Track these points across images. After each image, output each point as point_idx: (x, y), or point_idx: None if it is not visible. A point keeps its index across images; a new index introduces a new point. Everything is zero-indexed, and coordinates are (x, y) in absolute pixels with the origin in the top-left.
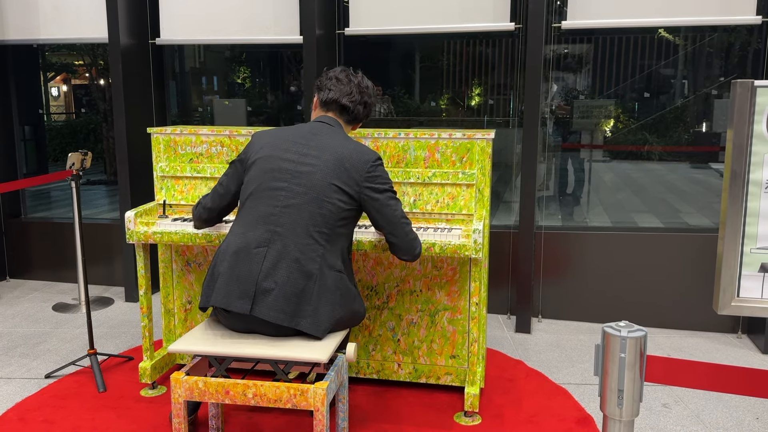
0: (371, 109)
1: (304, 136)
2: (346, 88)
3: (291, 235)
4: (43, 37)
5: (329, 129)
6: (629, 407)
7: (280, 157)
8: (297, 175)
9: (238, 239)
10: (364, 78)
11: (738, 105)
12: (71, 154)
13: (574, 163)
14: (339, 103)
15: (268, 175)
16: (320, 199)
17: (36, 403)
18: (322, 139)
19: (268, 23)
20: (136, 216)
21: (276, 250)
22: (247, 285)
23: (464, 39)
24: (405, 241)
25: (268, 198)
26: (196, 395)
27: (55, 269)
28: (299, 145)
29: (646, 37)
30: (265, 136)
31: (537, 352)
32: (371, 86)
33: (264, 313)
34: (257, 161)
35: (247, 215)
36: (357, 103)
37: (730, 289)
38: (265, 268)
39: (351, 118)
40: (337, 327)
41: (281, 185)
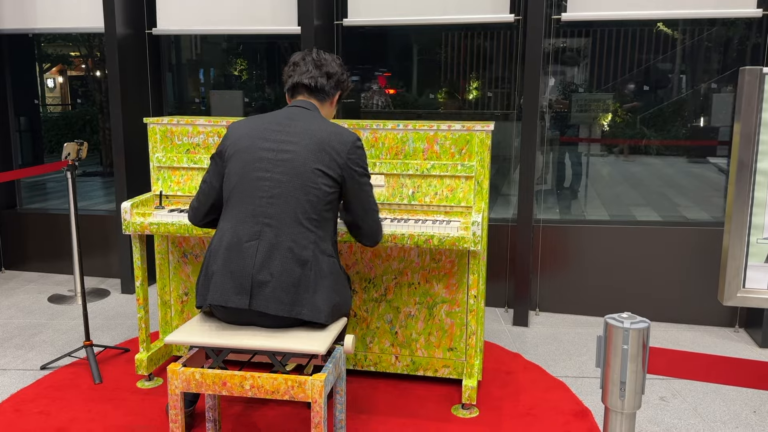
0: (339, 78)
1: (280, 122)
2: (302, 68)
3: (281, 225)
4: (38, 26)
5: (305, 113)
6: (631, 399)
7: (258, 147)
8: (278, 163)
9: (228, 235)
10: (320, 52)
11: (746, 93)
12: (67, 144)
13: (572, 156)
14: (301, 84)
15: (248, 167)
16: (305, 186)
17: (32, 394)
18: (299, 123)
19: (266, 13)
20: (132, 207)
21: (268, 242)
22: (243, 279)
23: (463, 31)
24: (372, 227)
25: (253, 190)
26: (192, 387)
27: (50, 260)
28: (276, 133)
29: (645, 30)
30: (241, 126)
31: (535, 345)
32: (331, 58)
33: (262, 305)
34: (235, 153)
35: (233, 210)
36: (318, 77)
37: (736, 280)
38: (259, 261)
39: (321, 95)
40: (334, 313)
41: (264, 175)
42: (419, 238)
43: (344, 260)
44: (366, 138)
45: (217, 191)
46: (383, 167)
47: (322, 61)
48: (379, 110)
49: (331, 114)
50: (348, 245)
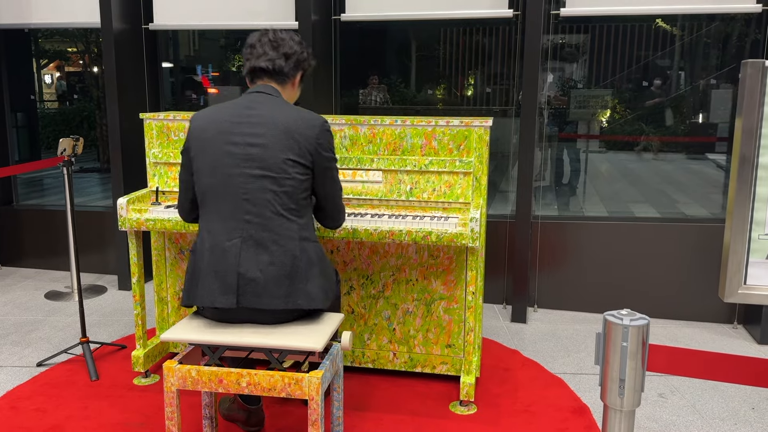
0: (299, 58)
1: (242, 113)
2: (258, 50)
3: (262, 220)
4: (34, 21)
5: (267, 98)
6: (630, 397)
7: (223, 141)
8: (248, 157)
9: (209, 236)
10: (276, 32)
11: (748, 86)
12: (62, 139)
13: (570, 153)
14: (258, 68)
15: (217, 164)
16: (279, 178)
17: (28, 391)
18: (263, 112)
19: (263, 8)
20: (129, 203)
21: (251, 239)
22: (228, 279)
23: (461, 27)
24: (335, 209)
25: (226, 187)
26: (189, 384)
27: (47, 257)
28: (240, 125)
29: (643, 27)
30: (201, 119)
31: (533, 341)
32: (288, 36)
33: (254, 302)
34: (200, 150)
35: (210, 210)
36: (275, 59)
37: (737, 277)
38: (244, 259)
39: (281, 77)
40: (327, 296)
41: (234, 171)
42: (417, 234)
43: (341, 257)
44: (364, 133)
45: (193, 186)
46: (381, 163)
47: (279, 41)
48: (378, 106)
49: (295, 96)
50: (345, 242)
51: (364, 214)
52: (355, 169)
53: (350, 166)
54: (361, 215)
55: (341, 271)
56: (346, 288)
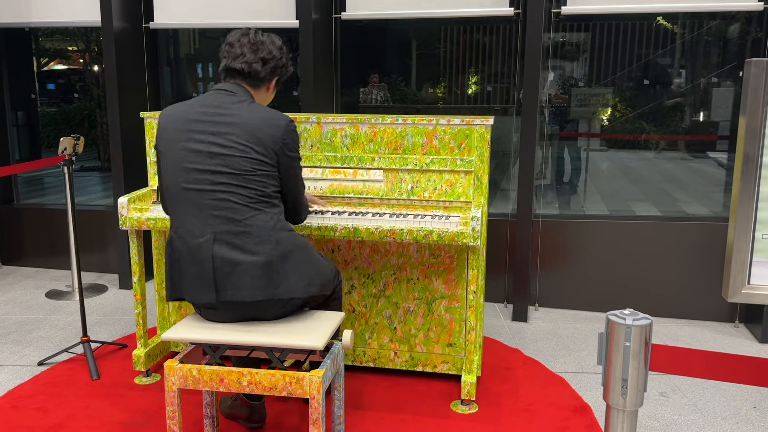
0: (277, 64)
1: (207, 112)
2: (237, 50)
3: (231, 214)
4: (34, 20)
5: (232, 98)
6: (633, 397)
7: (189, 138)
8: (213, 155)
9: (181, 234)
10: (258, 33)
11: (752, 85)
12: (63, 138)
13: (571, 151)
14: (233, 69)
15: (183, 161)
16: (246, 176)
17: (29, 390)
18: (228, 110)
19: (263, 7)
20: (130, 202)
21: (223, 234)
22: (205, 275)
23: (462, 26)
24: (298, 205)
25: (194, 184)
26: (190, 383)
27: (48, 256)
28: (206, 123)
29: (644, 25)
30: (168, 116)
31: (534, 340)
32: (269, 40)
33: (233, 294)
34: (166, 147)
35: (180, 208)
36: (252, 63)
37: (740, 276)
38: (218, 254)
39: (254, 81)
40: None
41: (201, 168)
42: (418, 233)
43: (342, 256)
44: (365, 132)
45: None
46: (382, 162)
47: (259, 44)
48: (378, 105)
49: (268, 99)
50: (347, 241)
51: (365, 213)
52: (356, 168)
53: (351, 165)
54: (362, 214)
55: (342, 269)
56: (347, 287)
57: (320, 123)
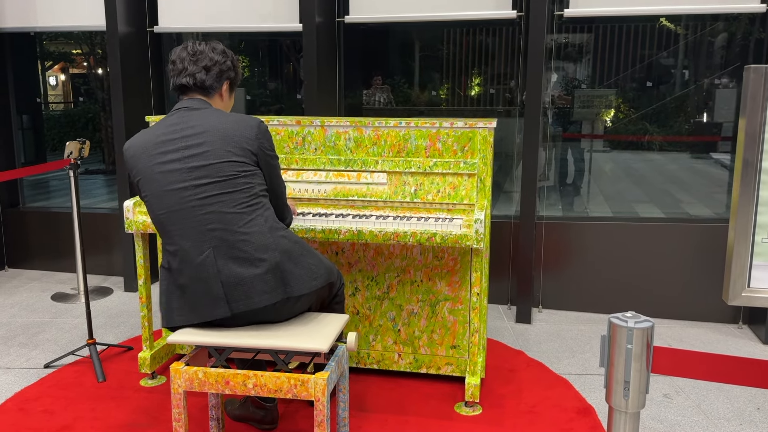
0: (222, 67)
1: (174, 130)
2: (179, 66)
3: (226, 224)
4: (40, 25)
5: (196, 112)
6: (635, 399)
7: (161, 161)
8: (192, 170)
9: (179, 256)
10: (195, 44)
11: (751, 91)
12: (69, 143)
13: (574, 153)
14: (181, 85)
15: (163, 183)
16: (231, 180)
17: (35, 392)
18: (196, 123)
19: (268, 10)
20: (135, 205)
21: (223, 247)
22: (214, 291)
23: (465, 28)
24: (283, 206)
25: (180, 203)
26: (195, 386)
27: (53, 259)
28: (175, 141)
29: (647, 26)
30: (132, 148)
31: (537, 342)
32: (208, 48)
33: (248, 303)
34: (141, 176)
35: (172, 231)
36: (195, 74)
37: (740, 280)
38: (222, 266)
39: (204, 90)
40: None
41: (183, 185)
42: (422, 235)
43: (346, 258)
44: (368, 135)
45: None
46: (385, 165)
47: (198, 54)
48: (381, 107)
49: (229, 106)
50: (351, 244)
51: (368, 216)
52: (359, 171)
53: (355, 168)
54: (366, 217)
55: (346, 272)
56: (351, 289)
57: (324, 126)
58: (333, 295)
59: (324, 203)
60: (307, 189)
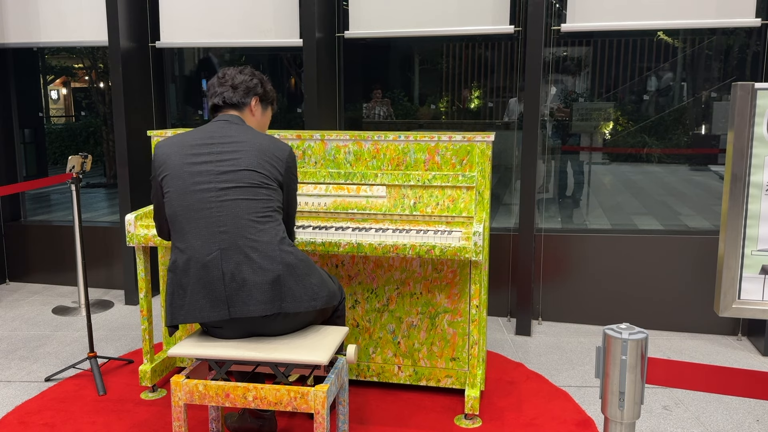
0: (249, 85)
1: (212, 136)
2: (211, 90)
3: (238, 230)
4: (43, 40)
5: (233, 125)
6: (630, 409)
7: (193, 162)
8: (221, 173)
9: (188, 254)
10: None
11: (738, 107)
12: (71, 157)
13: (573, 165)
14: (214, 105)
15: (188, 182)
16: (253, 188)
17: (36, 406)
18: (233, 134)
19: (268, 26)
20: (137, 219)
21: (230, 250)
22: (216, 293)
23: (463, 42)
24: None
25: (200, 203)
26: (196, 398)
27: (54, 272)
28: (211, 145)
29: (645, 40)
30: (168, 145)
31: (537, 354)
32: (235, 71)
33: (243, 311)
34: (170, 174)
35: (184, 229)
36: (223, 93)
37: (731, 292)
38: (227, 270)
39: (235, 107)
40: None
41: (208, 187)
42: (421, 248)
43: (346, 271)
44: (368, 149)
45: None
46: (384, 178)
47: (226, 77)
48: (381, 120)
49: (263, 124)
50: (350, 256)
51: (368, 229)
52: (359, 184)
53: (354, 181)
54: (366, 230)
55: (346, 285)
56: (351, 302)
57: (324, 140)
58: (334, 309)
59: (324, 216)
60: (308, 202)
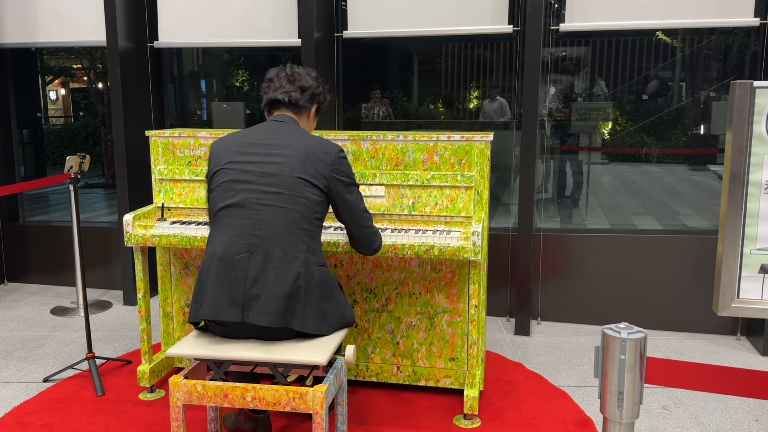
0: (314, 91)
1: (262, 136)
2: (276, 83)
3: (272, 237)
4: (42, 40)
5: (285, 126)
6: (629, 409)
7: (242, 161)
8: (264, 175)
9: (219, 250)
10: (294, 67)
11: (737, 106)
12: (69, 157)
13: (572, 165)
14: (275, 100)
15: (233, 180)
16: (293, 197)
17: (34, 407)
18: (282, 136)
19: (267, 26)
20: (135, 219)
21: (259, 254)
22: (235, 293)
23: (462, 42)
24: (364, 234)
25: (240, 202)
26: (194, 399)
27: (53, 273)
28: (260, 146)
29: (644, 39)
30: (222, 143)
31: (536, 354)
32: (305, 72)
33: (256, 318)
34: (220, 170)
35: (222, 224)
36: (291, 92)
37: (730, 291)
38: (251, 274)
39: (296, 109)
40: (326, 321)
41: (249, 187)
42: (420, 248)
43: (345, 270)
44: (366, 149)
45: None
46: (383, 178)
47: (296, 75)
48: (380, 120)
49: (311, 128)
50: (349, 255)
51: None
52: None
53: None
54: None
55: (345, 284)
56: (350, 302)
57: None
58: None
59: None
60: None
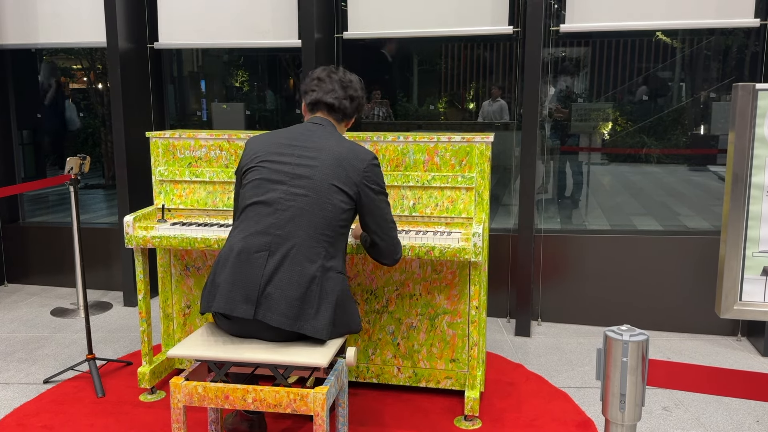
0: (360, 102)
1: (297, 138)
2: (328, 85)
3: (294, 239)
4: (41, 41)
5: (322, 129)
6: (631, 411)
7: (276, 161)
8: (295, 177)
9: (239, 244)
10: (346, 73)
11: (739, 108)
12: (70, 158)
13: (572, 166)
14: (324, 102)
15: (265, 179)
16: (322, 201)
17: (34, 408)
18: (317, 139)
19: (267, 27)
20: (135, 220)
21: (279, 254)
22: (250, 290)
23: (463, 42)
24: (390, 244)
25: (268, 200)
26: (195, 400)
27: (53, 274)
28: (294, 147)
29: (644, 40)
30: (258, 141)
31: (537, 355)
32: (356, 80)
33: (268, 317)
34: (253, 168)
35: (247, 220)
36: (342, 99)
37: (732, 293)
38: (268, 273)
39: (340, 115)
40: (337, 329)
41: (279, 188)
42: (420, 249)
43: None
44: None
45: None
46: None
47: (348, 83)
48: (380, 121)
49: (343, 133)
50: (350, 257)
51: None
52: None
53: None
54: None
55: None
56: None
57: None
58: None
59: None
60: None
